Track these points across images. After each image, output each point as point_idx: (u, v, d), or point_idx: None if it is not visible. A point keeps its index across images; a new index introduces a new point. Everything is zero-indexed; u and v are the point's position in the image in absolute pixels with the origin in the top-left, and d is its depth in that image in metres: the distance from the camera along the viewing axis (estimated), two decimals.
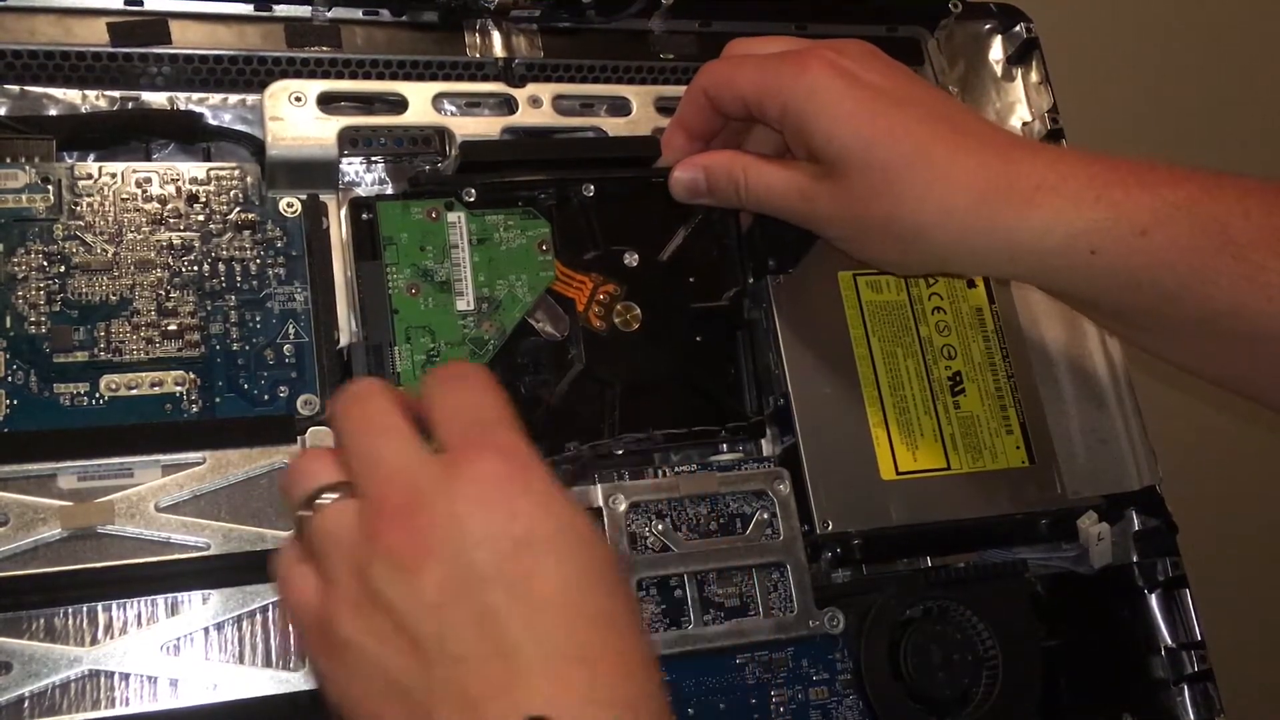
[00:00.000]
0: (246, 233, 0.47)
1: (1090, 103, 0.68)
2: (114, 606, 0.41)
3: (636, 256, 0.50)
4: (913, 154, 0.44)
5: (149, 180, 0.46)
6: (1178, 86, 0.93)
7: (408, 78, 0.52)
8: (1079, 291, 0.45)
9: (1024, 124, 0.61)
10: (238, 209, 0.47)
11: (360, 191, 0.50)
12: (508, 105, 0.52)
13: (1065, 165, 0.43)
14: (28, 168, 0.45)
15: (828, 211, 0.46)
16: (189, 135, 0.49)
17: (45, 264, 0.44)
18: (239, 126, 0.50)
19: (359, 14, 0.52)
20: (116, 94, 0.48)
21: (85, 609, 0.40)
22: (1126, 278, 0.43)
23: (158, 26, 0.48)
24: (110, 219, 0.45)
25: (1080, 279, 0.44)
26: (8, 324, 0.43)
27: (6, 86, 0.47)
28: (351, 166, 0.50)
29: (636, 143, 0.52)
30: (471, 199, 0.48)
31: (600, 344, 0.48)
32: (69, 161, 0.47)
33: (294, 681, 0.41)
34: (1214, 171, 0.43)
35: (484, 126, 0.51)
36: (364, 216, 0.46)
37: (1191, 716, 0.52)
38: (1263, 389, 0.45)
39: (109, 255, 0.45)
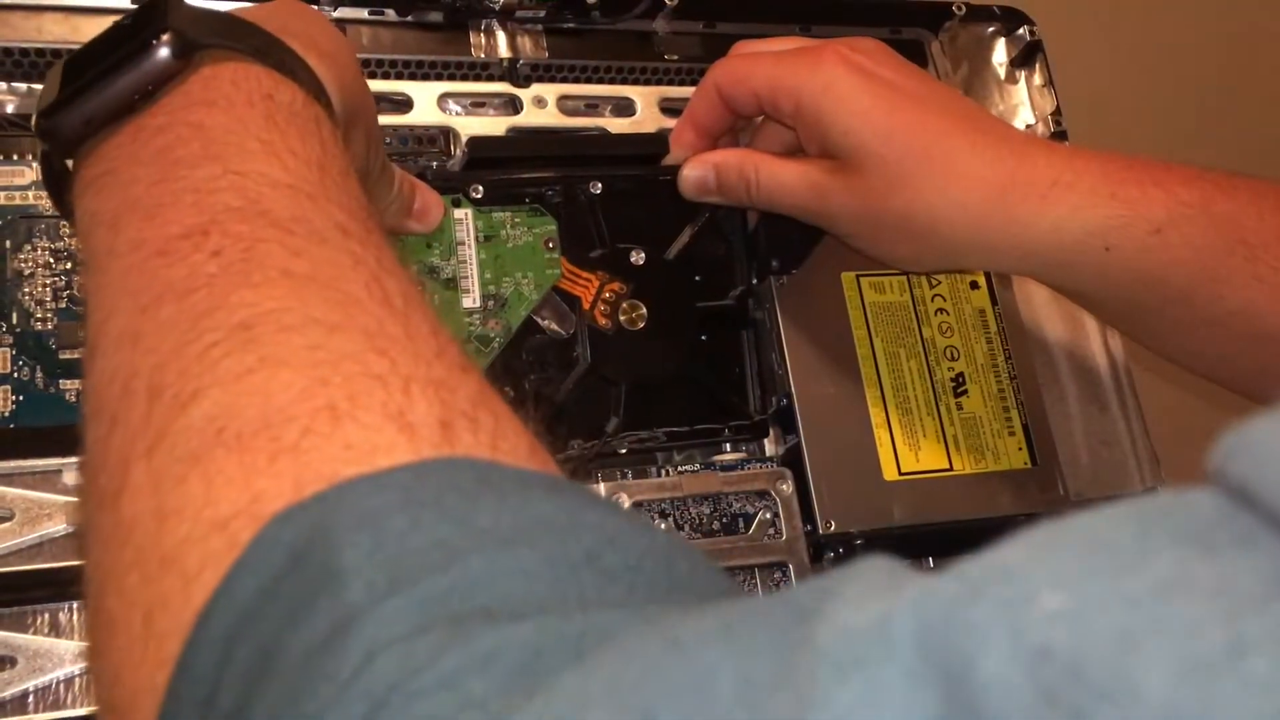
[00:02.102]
0: None
1: (1094, 106, 0.68)
2: None
3: (643, 255, 0.50)
4: (930, 148, 0.44)
5: None
6: (1182, 90, 0.93)
7: (413, 77, 0.52)
8: (1091, 289, 0.45)
9: (1027, 127, 0.61)
10: None
11: None
12: (512, 105, 0.52)
13: (1080, 162, 0.43)
14: (34, 165, 0.45)
15: (842, 207, 0.46)
16: None
17: (52, 260, 0.44)
18: None
19: (364, 14, 0.52)
20: None
21: None
22: (1139, 275, 0.43)
23: None
24: None
25: (1093, 276, 0.44)
26: (14, 320, 0.43)
27: (14, 84, 0.47)
28: None
29: (644, 140, 0.52)
30: (479, 196, 0.48)
31: (606, 342, 0.48)
32: None
33: None
34: (1228, 172, 0.43)
35: (489, 126, 0.51)
36: None
37: None
38: (1271, 391, 0.45)
39: None
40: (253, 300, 0.24)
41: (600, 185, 0.50)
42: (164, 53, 0.29)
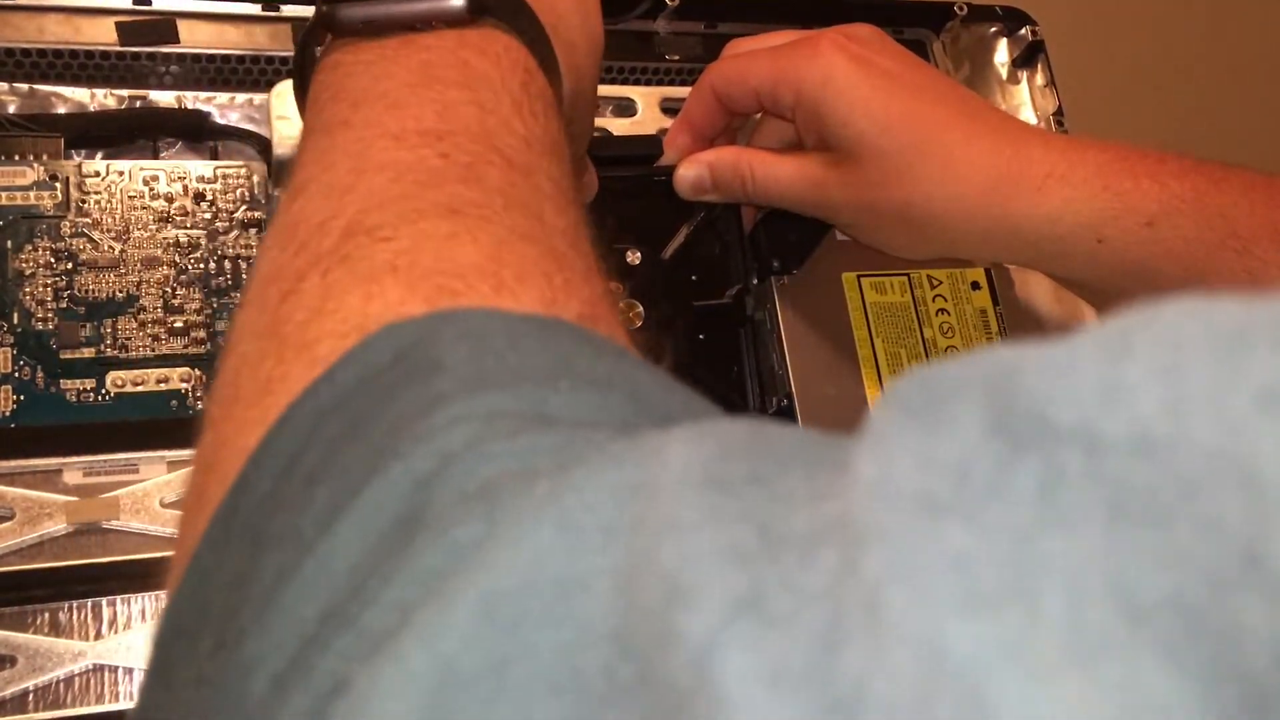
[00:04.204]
0: (252, 230, 0.47)
1: (1095, 106, 0.68)
2: (118, 601, 0.41)
3: (639, 254, 0.50)
4: (928, 140, 0.44)
5: (156, 178, 0.46)
6: (1183, 89, 0.93)
7: None
8: (1086, 279, 0.46)
9: None
10: (244, 207, 0.47)
11: None
12: None
13: (1075, 153, 0.44)
14: (36, 165, 0.45)
15: (840, 199, 0.46)
16: (196, 134, 0.50)
17: (53, 260, 0.44)
18: (246, 125, 0.50)
19: None
20: (125, 92, 0.49)
21: (90, 603, 0.41)
22: (1132, 267, 0.43)
23: (166, 26, 0.48)
24: (117, 216, 0.45)
25: (1087, 267, 0.44)
26: (15, 320, 0.43)
27: (16, 85, 0.47)
28: None
29: (639, 141, 0.52)
30: None
31: None
32: (77, 159, 0.47)
33: None
34: (1221, 164, 0.43)
35: None
36: None
37: None
38: None
39: (116, 252, 0.45)
40: (464, 194, 0.26)
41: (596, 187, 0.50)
42: (459, 2, 0.31)
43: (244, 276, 0.46)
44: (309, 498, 0.20)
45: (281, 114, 0.47)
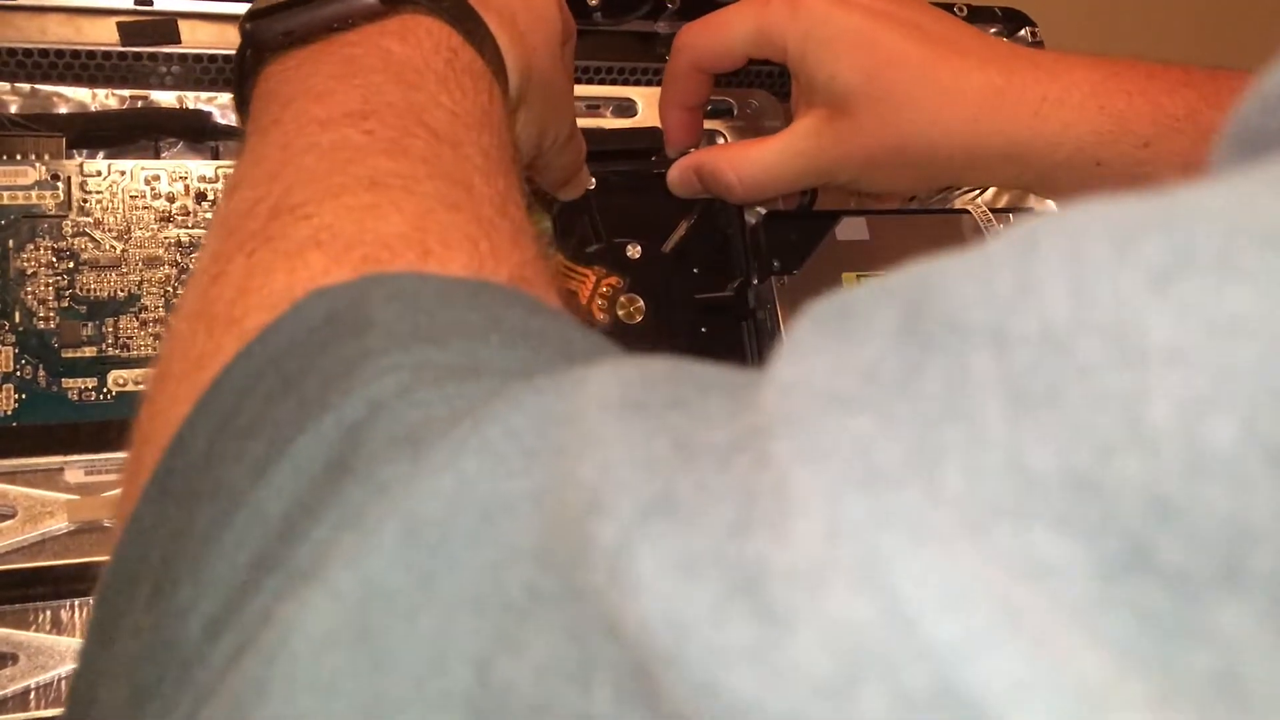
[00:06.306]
0: None
1: None
2: None
3: (639, 248, 0.50)
4: (917, 79, 0.44)
5: (157, 178, 0.47)
6: None
7: None
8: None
9: None
10: None
11: None
12: None
13: (1067, 75, 0.44)
14: (38, 165, 0.45)
15: (836, 158, 0.46)
16: (198, 134, 0.50)
17: (54, 260, 0.44)
18: None
19: None
20: (126, 93, 0.49)
21: (91, 602, 0.41)
22: (1132, 188, 0.44)
23: (167, 26, 0.49)
24: (119, 216, 0.46)
25: (1089, 189, 0.45)
26: (17, 319, 0.43)
27: (17, 85, 0.47)
28: None
29: (638, 135, 0.52)
30: None
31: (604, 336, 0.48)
32: (78, 159, 0.47)
33: None
34: (1209, 73, 0.44)
35: None
36: None
37: None
38: None
39: (117, 252, 0.45)
40: (387, 167, 0.27)
41: (595, 180, 0.50)
42: None
43: None
44: (242, 451, 0.21)
45: None
